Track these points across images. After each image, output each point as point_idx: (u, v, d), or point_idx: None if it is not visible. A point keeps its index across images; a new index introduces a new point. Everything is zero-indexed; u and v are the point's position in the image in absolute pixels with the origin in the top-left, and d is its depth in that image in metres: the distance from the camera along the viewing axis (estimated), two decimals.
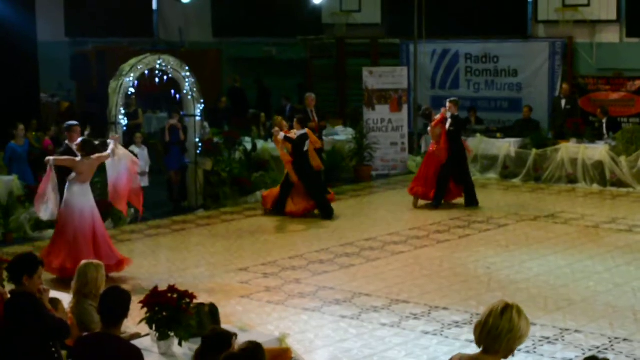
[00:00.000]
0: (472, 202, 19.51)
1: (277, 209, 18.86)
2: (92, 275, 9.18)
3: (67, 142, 14.83)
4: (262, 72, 29.78)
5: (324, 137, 21.96)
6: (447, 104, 19.65)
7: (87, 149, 14.09)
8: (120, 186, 14.66)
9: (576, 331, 11.47)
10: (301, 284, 13.82)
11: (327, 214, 18.61)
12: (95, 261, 9.53)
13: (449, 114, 19.43)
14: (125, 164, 14.62)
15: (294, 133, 18.83)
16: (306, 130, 18.97)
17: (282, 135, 18.68)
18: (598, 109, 22.87)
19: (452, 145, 19.36)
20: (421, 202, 19.55)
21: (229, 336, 7.23)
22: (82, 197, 14.00)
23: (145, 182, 19.09)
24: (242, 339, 7.88)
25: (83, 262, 9.52)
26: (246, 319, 11.72)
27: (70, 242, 13.84)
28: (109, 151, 14.41)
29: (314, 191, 18.78)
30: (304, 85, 28.67)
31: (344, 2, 28.59)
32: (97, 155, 14.21)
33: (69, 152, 14.40)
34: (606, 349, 10.81)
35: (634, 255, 15.36)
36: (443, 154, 19.21)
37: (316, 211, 18.86)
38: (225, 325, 8.70)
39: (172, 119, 19.65)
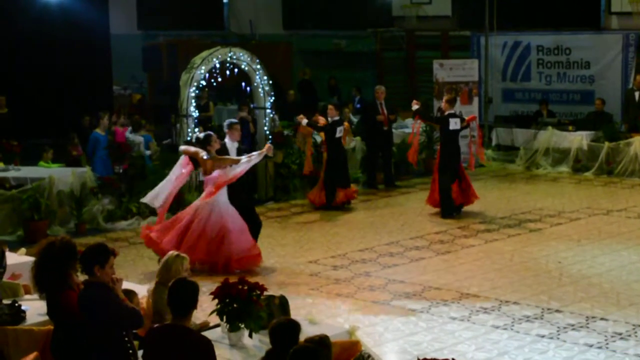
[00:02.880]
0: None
1: (329, 202, 18.81)
2: (177, 267, 9.25)
3: (226, 139, 14.85)
4: (332, 64, 29.78)
5: (393, 130, 21.91)
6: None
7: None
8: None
9: None
10: (371, 276, 13.82)
11: (328, 205, 18.68)
12: (182, 253, 9.58)
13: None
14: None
15: (325, 120, 18.88)
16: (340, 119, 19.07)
17: (305, 121, 18.55)
18: None
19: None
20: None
21: (295, 326, 7.25)
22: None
23: None
24: (311, 332, 7.92)
25: (170, 252, 9.60)
26: (316, 311, 11.75)
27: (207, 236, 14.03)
28: (245, 158, 14.30)
29: (328, 180, 18.76)
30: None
31: None
32: (227, 157, 14.26)
33: (224, 149, 14.50)
34: None
35: None
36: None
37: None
38: (295, 318, 8.72)
39: (242, 112, 19.70)
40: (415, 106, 18.55)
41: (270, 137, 19.48)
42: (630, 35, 24.61)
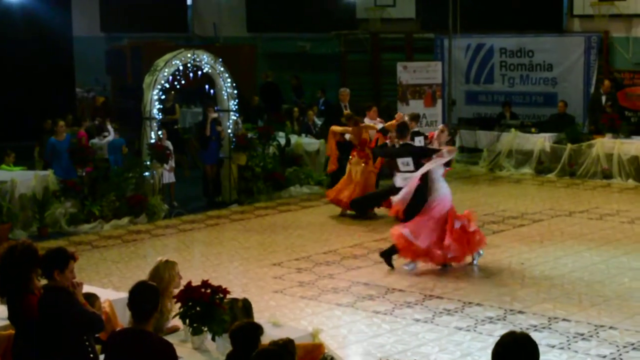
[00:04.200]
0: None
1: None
2: (169, 273, 9.09)
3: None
4: (297, 67, 29.78)
5: None
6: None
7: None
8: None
9: (611, 328, 11.39)
10: (335, 279, 13.82)
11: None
12: (170, 260, 9.40)
13: None
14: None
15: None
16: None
17: (380, 126, 18.10)
18: None
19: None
20: None
21: (257, 329, 7.23)
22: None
23: (172, 177, 19.19)
24: (275, 334, 7.90)
25: (158, 259, 9.49)
26: (279, 314, 11.75)
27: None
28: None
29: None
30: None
31: None
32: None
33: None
34: None
35: None
36: None
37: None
38: (258, 320, 8.70)
39: (213, 113, 19.63)
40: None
41: (234, 139, 19.45)
42: (592, 38, 24.78)
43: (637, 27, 24.41)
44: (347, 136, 18.94)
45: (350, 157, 18.63)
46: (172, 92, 22.42)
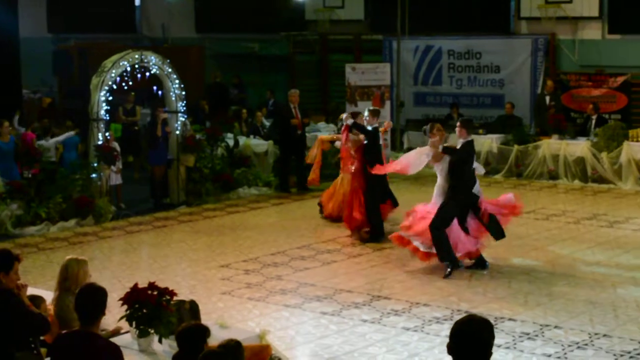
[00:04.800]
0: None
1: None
2: (73, 271, 9.15)
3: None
4: (245, 68, 29.75)
5: (306, 133, 21.96)
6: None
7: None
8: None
9: (556, 327, 11.50)
10: (282, 280, 13.82)
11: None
12: (80, 257, 9.46)
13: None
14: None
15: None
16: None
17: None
18: (590, 105, 22.87)
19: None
20: None
21: (203, 331, 7.22)
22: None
23: (119, 179, 19.08)
24: (222, 336, 7.90)
25: (67, 257, 9.49)
26: (227, 315, 11.73)
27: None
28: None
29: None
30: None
31: None
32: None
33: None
34: (586, 345, 10.84)
35: (614, 251, 15.43)
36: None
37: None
38: (205, 322, 8.69)
39: (164, 113, 19.54)
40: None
41: (182, 141, 19.39)
42: (539, 40, 25.02)
43: (583, 30, 24.69)
44: (338, 144, 18.37)
45: (342, 165, 17.83)
46: (133, 94, 22.41)
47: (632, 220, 17.78)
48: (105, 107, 18.47)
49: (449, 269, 13.85)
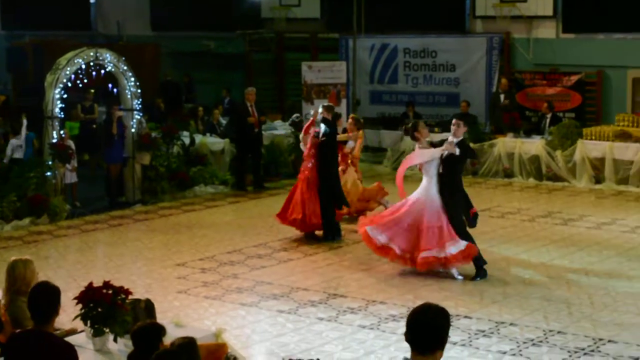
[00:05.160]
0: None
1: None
2: (20, 271, 9.03)
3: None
4: (201, 66, 29.65)
5: (262, 131, 21.93)
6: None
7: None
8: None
9: (511, 324, 11.58)
10: (239, 278, 13.81)
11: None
12: (24, 257, 9.36)
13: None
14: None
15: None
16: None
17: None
18: (545, 103, 23.03)
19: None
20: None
21: (158, 330, 7.20)
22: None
23: (74, 177, 18.96)
24: (178, 335, 7.87)
25: (12, 258, 9.39)
26: (183, 314, 11.71)
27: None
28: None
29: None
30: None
31: None
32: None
33: None
34: (541, 341, 10.92)
35: (568, 248, 15.56)
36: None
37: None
38: (161, 321, 8.66)
39: (120, 111, 19.43)
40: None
41: (137, 139, 19.30)
42: (494, 39, 25.15)
43: (537, 28, 24.84)
44: (350, 144, 17.81)
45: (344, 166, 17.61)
46: (92, 91, 22.28)
47: (586, 218, 17.93)
48: (60, 105, 18.34)
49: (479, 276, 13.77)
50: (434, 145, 14.21)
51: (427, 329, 5.17)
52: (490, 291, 13.08)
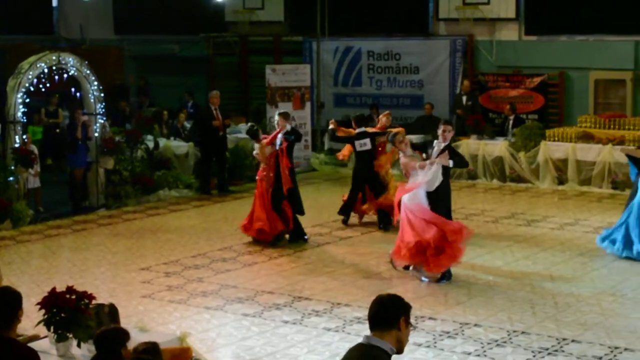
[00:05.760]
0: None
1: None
2: None
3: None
4: (165, 69, 29.56)
5: (227, 135, 21.89)
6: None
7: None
8: None
9: (475, 325, 11.63)
10: (203, 282, 13.78)
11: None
12: None
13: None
14: None
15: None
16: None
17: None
18: (507, 105, 23.17)
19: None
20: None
21: (121, 334, 7.16)
22: None
23: (37, 182, 18.84)
24: (142, 339, 7.83)
25: None
26: (147, 318, 11.67)
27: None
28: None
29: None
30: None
31: (246, 0, 28.54)
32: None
33: None
34: (505, 342, 10.98)
35: (532, 249, 15.64)
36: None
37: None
38: (125, 326, 8.62)
39: (84, 116, 19.35)
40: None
41: (101, 143, 19.21)
42: (458, 41, 25.27)
43: (500, 31, 24.97)
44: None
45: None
46: (57, 95, 22.15)
47: (549, 219, 18.04)
48: (23, 109, 18.23)
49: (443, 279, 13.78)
50: (415, 147, 14.33)
51: (381, 308, 5.96)
52: (454, 292, 13.13)
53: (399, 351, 5.94)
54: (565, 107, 24.08)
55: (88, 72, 19.26)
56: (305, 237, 16.34)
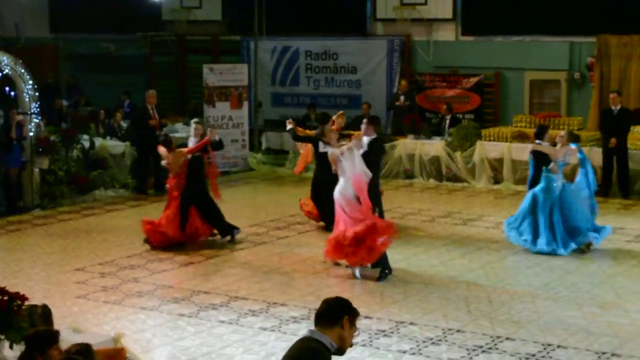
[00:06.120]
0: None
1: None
2: None
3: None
4: (101, 68, 29.34)
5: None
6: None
7: None
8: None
9: (411, 323, 11.69)
10: (139, 282, 13.70)
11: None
12: None
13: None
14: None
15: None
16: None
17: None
18: (444, 105, 23.31)
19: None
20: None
21: (52, 335, 7.11)
22: None
23: None
24: (76, 340, 7.78)
25: None
26: (82, 319, 11.59)
27: None
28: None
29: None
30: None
31: None
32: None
33: None
34: (440, 340, 11.05)
35: (467, 248, 15.76)
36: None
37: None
38: (59, 327, 8.56)
39: (19, 115, 19.14)
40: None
41: (36, 142, 19.02)
42: (395, 41, 25.36)
43: (437, 31, 25.11)
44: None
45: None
46: None
47: (485, 218, 18.18)
48: None
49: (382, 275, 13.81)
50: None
51: (326, 306, 6.25)
52: (390, 291, 13.19)
53: (341, 350, 6.21)
54: (501, 107, 24.29)
55: (22, 71, 19.05)
56: (236, 230, 16.27)
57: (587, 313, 12.18)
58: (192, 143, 16.29)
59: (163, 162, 16.56)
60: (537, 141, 15.91)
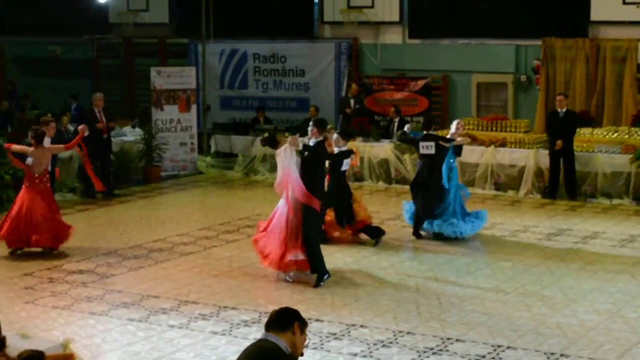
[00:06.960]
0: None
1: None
2: None
3: None
4: (48, 71, 29.12)
5: (112, 138, 21.66)
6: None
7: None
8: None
9: (362, 326, 11.71)
10: (88, 287, 13.60)
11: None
12: None
13: None
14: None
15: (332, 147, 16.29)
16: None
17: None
18: (392, 108, 23.39)
19: None
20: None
21: None
22: None
23: None
24: (24, 346, 7.71)
25: None
26: (30, 325, 11.49)
27: None
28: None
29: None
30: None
31: (130, 1, 28.31)
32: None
33: None
34: (391, 343, 11.08)
35: (417, 250, 15.84)
36: None
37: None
38: (5, 333, 8.46)
39: None
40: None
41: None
42: (342, 44, 25.43)
43: (384, 34, 25.21)
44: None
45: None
46: None
47: None
48: None
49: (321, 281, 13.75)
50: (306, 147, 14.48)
51: (278, 313, 6.60)
52: (341, 294, 13.20)
53: (293, 358, 6.49)
54: (449, 110, 24.42)
55: None
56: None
57: (536, 314, 12.29)
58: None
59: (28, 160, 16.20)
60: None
